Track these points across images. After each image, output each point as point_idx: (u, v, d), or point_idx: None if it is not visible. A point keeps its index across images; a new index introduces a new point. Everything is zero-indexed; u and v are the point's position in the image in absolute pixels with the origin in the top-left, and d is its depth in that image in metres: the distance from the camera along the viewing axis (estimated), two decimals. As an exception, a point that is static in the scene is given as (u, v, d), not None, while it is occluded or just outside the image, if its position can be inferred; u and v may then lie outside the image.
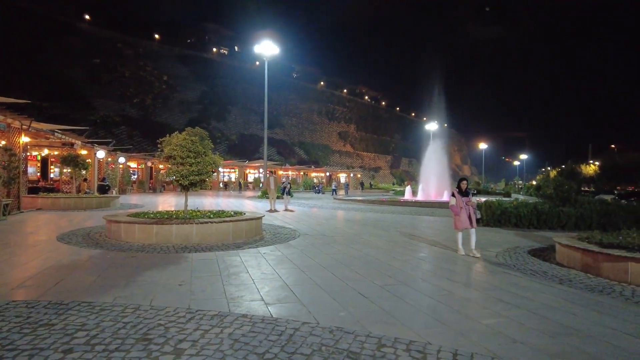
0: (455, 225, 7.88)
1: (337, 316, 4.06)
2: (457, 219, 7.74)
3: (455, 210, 7.76)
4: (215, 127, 69.88)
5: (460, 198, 7.74)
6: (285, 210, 17.20)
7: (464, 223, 7.66)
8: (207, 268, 6.12)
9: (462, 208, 7.68)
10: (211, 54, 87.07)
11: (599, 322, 4.06)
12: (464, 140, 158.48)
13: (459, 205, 7.73)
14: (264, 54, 30.65)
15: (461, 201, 7.74)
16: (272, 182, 17.97)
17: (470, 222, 7.66)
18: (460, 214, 7.67)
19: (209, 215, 9.19)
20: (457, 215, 7.72)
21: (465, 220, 7.63)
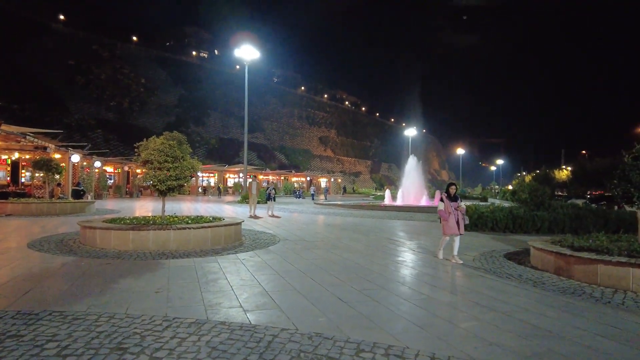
0: (443, 231, 7.66)
1: (316, 322, 4.05)
2: (445, 224, 7.55)
3: (443, 216, 7.57)
4: (194, 131, 69.04)
5: (449, 203, 7.56)
6: (270, 217, 16.78)
7: (452, 229, 7.47)
8: (184, 275, 6.02)
9: (451, 213, 7.49)
10: (190, 57, 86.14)
11: (571, 324, 4.18)
12: (441, 145, 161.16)
13: (448, 210, 7.54)
14: (244, 58, 30.51)
15: (450, 206, 7.54)
16: (253, 187, 17.53)
17: (459, 228, 7.49)
18: (448, 219, 7.48)
19: (186, 221, 9.06)
20: (446, 221, 7.53)
21: (453, 225, 7.46)
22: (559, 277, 6.34)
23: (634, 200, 6.60)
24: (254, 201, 17.31)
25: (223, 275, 6.02)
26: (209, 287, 5.32)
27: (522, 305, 4.79)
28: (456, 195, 7.77)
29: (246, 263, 6.99)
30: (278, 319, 4.11)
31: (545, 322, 4.22)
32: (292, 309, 4.44)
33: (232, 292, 5.14)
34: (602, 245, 6.26)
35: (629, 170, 6.63)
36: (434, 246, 9.45)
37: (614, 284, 5.70)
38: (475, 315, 4.41)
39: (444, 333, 3.83)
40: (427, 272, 6.70)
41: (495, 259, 7.88)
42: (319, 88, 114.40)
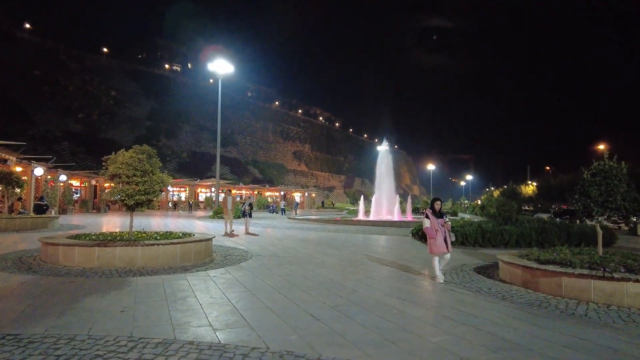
0: (430, 250, 7.19)
1: (287, 340, 3.98)
2: (433, 242, 7.07)
3: (430, 233, 7.11)
4: (166, 145, 67.81)
5: (435, 220, 7.11)
6: (246, 234, 15.47)
7: (440, 247, 7.00)
8: (152, 293, 5.82)
9: (438, 231, 7.03)
10: (163, 70, 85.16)
11: (538, 336, 4.27)
12: (412, 161, 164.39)
13: (434, 227, 7.08)
14: (217, 71, 30.40)
15: (436, 223, 7.10)
16: (228, 202, 15.94)
17: (447, 246, 7.04)
18: (436, 237, 7.02)
19: (155, 237, 8.81)
20: (433, 239, 7.06)
21: (441, 244, 6.99)
22: (527, 289, 6.49)
23: (593, 214, 6.89)
24: (230, 217, 15.90)
25: (192, 293, 5.86)
26: (177, 306, 5.16)
27: (491, 319, 4.86)
28: (441, 211, 7.37)
29: (216, 280, 6.83)
30: (248, 338, 4.01)
31: (513, 334, 4.29)
32: (263, 327, 4.35)
33: (201, 310, 5.00)
34: (566, 258, 6.47)
35: (588, 186, 6.93)
36: (406, 260, 9.55)
37: (577, 296, 5.88)
38: (446, 329, 4.44)
39: (415, 348, 3.84)
40: (399, 286, 6.73)
41: (466, 272, 8.01)
42: (294, 103, 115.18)
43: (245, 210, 16.41)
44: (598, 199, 6.84)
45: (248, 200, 16.81)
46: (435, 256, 7.12)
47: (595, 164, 7.17)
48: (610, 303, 5.61)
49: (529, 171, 66.72)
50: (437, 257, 7.12)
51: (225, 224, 15.98)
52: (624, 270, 5.82)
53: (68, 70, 62.69)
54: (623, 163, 7.03)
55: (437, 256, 7.12)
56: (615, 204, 6.72)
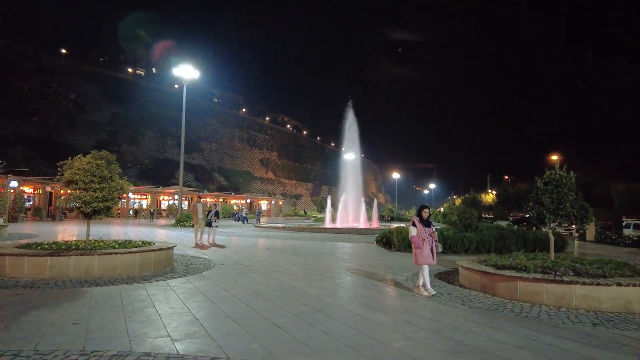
0: (415, 260, 6.72)
1: (248, 349, 3.92)
2: (419, 252, 6.61)
3: (417, 243, 6.63)
4: (127, 151, 65.62)
5: (423, 228, 6.67)
6: (212, 244, 14.28)
7: (426, 258, 6.56)
8: (108, 304, 5.58)
9: (425, 240, 6.60)
10: (126, 74, 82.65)
11: (494, 338, 4.41)
12: (378, 169, 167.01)
13: (421, 236, 6.63)
14: (183, 77, 29.85)
15: (424, 232, 6.64)
16: (199, 209, 14.41)
17: (433, 257, 6.66)
18: (422, 247, 6.58)
19: (113, 246, 8.48)
20: (419, 249, 6.60)
21: (428, 255, 6.57)
22: (485, 294, 6.70)
23: (545, 221, 7.23)
24: (201, 226, 14.44)
25: (151, 304, 5.67)
26: (134, 317, 4.97)
27: (451, 323, 4.98)
28: (429, 219, 6.94)
29: (177, 290, 6.65)
30: (208, 348, 3.92)
31: (471, 338, 4.42)
32: (223, 337, 4.27)
33: (160, 321, 4.84)
34: (521, 264, 6.74)
35: (541, 194, 7.28)
36: (370, 267, 9.65)
37: (531, 299, 6.13)
38: (407, 334, 4.51)
39: (377, 354, 3.87)
40: (363, 293, 6.79)
41: (427, 278, 8.17)
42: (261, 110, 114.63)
43: (212, 220, 14.72)
44: (550, 206, 7.19)
45: (214, 208, 15.15)
46: (425, 266, 6.63)
47: (548, 173, 7.54)
48: (561, 305, 5.89)
49: (489, 180, 69.29)
50: (426, 267, 6.65)
51: (195, 233, 14.58)
52: (573, 273, 6.13)
53: (22, 71, 59.65)
54: (572, 173, 7.44)
55: (425, 267, 6.65)
56: (565, 211, 7.09)
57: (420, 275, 6.74)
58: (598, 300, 5.76)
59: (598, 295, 5.77)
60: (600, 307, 5.73)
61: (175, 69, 30.38)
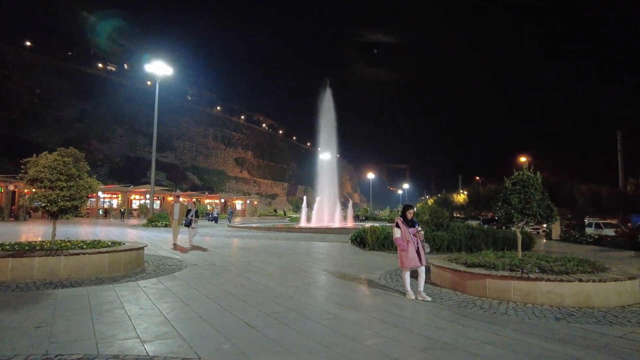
0: (401, 263, 6.47)
1: (220, 349, 3.88)
2: (404, 255, 6.36)
3: (401, 245, 6.39)
4: (97, 149, 63.70)
5: (407, 229, 6.41)
6: (192, 248, 13.10)
7: (412, 260, 6.32)
8: (75, 306, 5.41)
9: (410, 242, 6.35)
10: (96, 69, 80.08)
11: (464, 335, 4.53)
12: (353, 169, 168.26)
13: (406, 238, 6.38)
14: (155, 73, 29.22)
15: (408, 233, 6.39)
16: (176, 210, 13.57)
17: (420, 259, 6.38)
18: (407, 248, 6.33)
19: (81, 246, 8.22)
20: (404, 251, 6.36)
21: (413, 256, 6.31)
22: (455, 292, 6.86)
23: (514, 220, 7.46)
24: (177, 228, 13.67)
25: (120, 305, 5.53)
26: (103, 318, 4.84)
27: (422, 321, 5.08)
28: (413, 220, 6.67)
29: (147, 291, 6.51)
30: (179, 349, 3.86)
31: (442, 334, 4.52)
32: (195, 337, 4.21)
33: (129, 322, 4.73)
34: (490, 262, 6.94)
35: (510, 194, 7.51)
36: (344, 265, 9.72)
37: (499, 296, 6.32)
38: (379, 332, 4.57)
39: (349, 352, 3.91)
40: (337, 292, 6.83)
41: (399, 277, 8.28)
42: (236, 109, 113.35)
43: (192, 220, 13.81)
44: (518, 206, 7.42)
45: (193, 208, 14.40)
46: (406, 270, 6.45)
47: (516, 173, 7.78)
48: (527, 301, 6.09)
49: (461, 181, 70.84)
50: (408, 272, 6.47)
51: (173, 234, 13.74)
52: (538, 271, 6.36)
53: (-17, 64, 57.01)
54: (538, 173, 7.70)
55: (409, 270, 6.47)
56: (532, 211, 7.34)
57: (404, 279, 6.53)
58: (561, 296, 5.99)
59: (561, 291, 6.00)
60: (563, 302, 5.96)
61: (147, 66, 29.71)
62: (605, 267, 6.77)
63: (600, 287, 6.03)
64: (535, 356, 3.88)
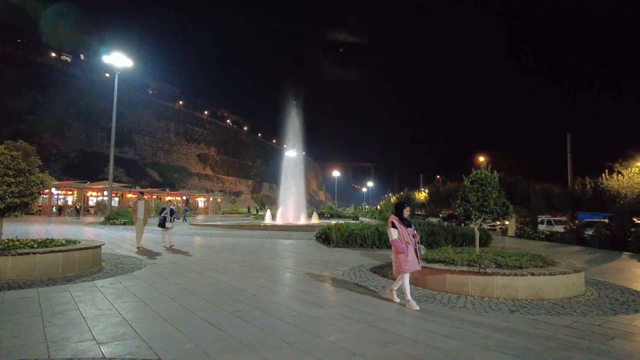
0: (398, 267, 5.73)
1: (181, 349, 3.80)
2: (403, 258, 5.64)
3: (399, 247, 5.68)
4: (51, 143, 60.55)
5: (405, 229, 5.77)
6: (170, 250, 12.08)
7: (412, 264, 5.66)
8: (23, 308, 5.13)
9: (409, 243, 5.70)
10: (49, 59, 75.98)
11: (424, 328, 4.66)
12: (319, 167, 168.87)
13: (404, 239, 5.71)
14: (114, 65, 28.07)
15: (406, 234, 5.74)
16: (140, 208, 12.38)
17: (419, 262, 5.81)
18: (407, 251, 5.65)
19: (31, 245, 7.78)
20: (403, 254, 5.65)
21: (413, 260, 5.67)
22: (416, 287, 7.04)
23: (472, 217, 7.74)
24: (141, 228, 12.40)
25: (75, 306, 5.29)
26: (55, 320, 4.62)
27: (384, 315, 5.18)
28: (409, 219, 6.06)
29: (104, 291, 6.26)
30: (138, 350, 3.75)
31: (403, 329, 4.63)
32: (155, 338, 4.10)
33: (84, 323, 4.54)
34: (449, 257, 7.16)
35: (468, 193, 7.78)
36: (309, 262, 9.75)
37: (458, 291, 6.55)
38: (342, 327, 4.63)
39: (312, 348, 3.93)
40: (300, 289, 6.84)
41: (363, 272, 8.42)
42: (199, 104, 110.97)
43: (166, 217, 12.74)
44: (476, 203, 7.70)
45: (169, 206, 13.31)
46: (406, 274, 5.72)
47: (474, 172, 8.07)
48: (484, 295, 6.34)
49: (422, 179, 72.68)
50: (407, 275, 5.75)
51: (137, 236, 12.42)
52: (495, 266, 6.62)
53: None
54: (495, 172, 8.03)
55: (408, 275, 5.78)
56: (489, 208, 7.64)
57: (397, 281, 5.94)
58: (515, 289, 6.28)
59: (515, 285, 6.30)
60: (517, 295, 6.25)
61: (106, 57, 28.49)
62: (555, 262, 7.15)
63: (550, 281, 6.37)
64: (490, 347, 4.05)
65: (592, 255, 13.35)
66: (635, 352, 4.02)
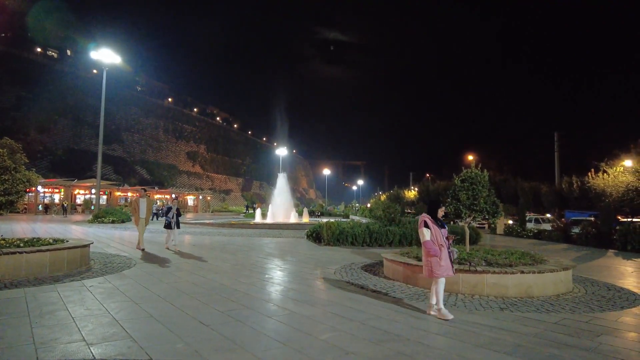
0: (430, 272, 5.16)
1: (173, 349, 3.77)
2: (436, 262, 5.09)
3: (432, 250, 5.09)
4: (36, 140, 59.50)
5: (439, 230, 5.21)
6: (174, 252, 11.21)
7: (446, 269, 5.11)
8: (10, 309, 5.04)
9: (443, 246, 5.13)
10: (34, 54, 74.57)
11: (415, 326, 4.69)
12: (309, 165, 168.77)
13: (438, 240, 5.14)
14: (102, 61, 27.65)
15: (440, 235, 5.17)
16: (142, 206, 11.28)
17: (452, 267, 5.25)
18: (441, 255, 5.09)
19: (17, 244, 7.65)
20: (436, 257, 5.09)
21: (447, 265, 5.11)
22: (407, 285, 7.08)
23: (462, 216, 7.80)
24: (143, 228, 11.34)
25: (63, 306, 5.21)
26: (43, 321, 4.54)
27: (375, 313, 5.20)
28: (442, 219, 5.46)
29: (94, 290, 6.18)
30: (129, 350, 3.70)
31: (394, 327, 4.65)
32: (146, 338, 4.05)
33: (73, 324, 4.47)
34: (440, 255, 7.20)
35: (458, 191, 7.84)
36: (300, 261, 9.74)
37: (449, 289, 6.57)
38: (334, 326, 4.63)
39: (304, 346, 3.93)
40: (292, 287, 6.84)
41: (354, 271, 8.44)
42: (189, 101, 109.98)
43: (170, 219, 11.71)
44: (466, 202, 7.77)
45: (175, 204, 12.33)
46: (440, 279, 5.16)
47: (464, 171, 8.13)
48: (474, 293, 6.40)
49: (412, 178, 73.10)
50: (442, 281, 5.20)
51: (139, 236, 11.36)
52: (485, 264, 6.69)
53: None
54: (485, 171, 8.10)
55: (442, 279, 5.19)
56: (479, 207, 7.71)
57: (433, 292, 5.26)
58: (505, 287, 6.36)
59: (505, 283, 6.37)
60: (507, 293, 6.32)
61: (93, 53, 28.03)
62: (544, 260, 7.25)
63: (539, 278, 6.46)
64: (482, 344, 4.09)
65: (578, 252, 13.56)
66: (622, 348, 4.09)
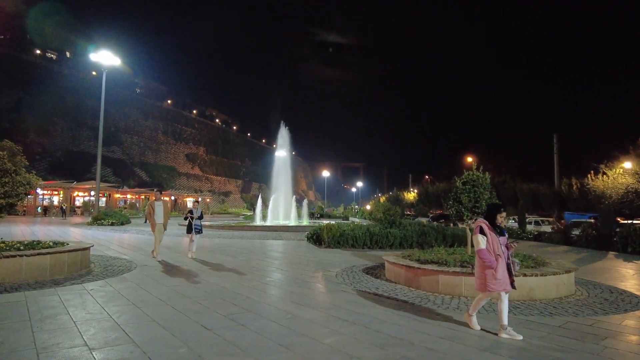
0: (483, 285, 4.52)
1: (175, 353, 3.74)
2: (490, 274, 4.43)
3: (488, 260, 4.41)
4: (35, 142, 59.43)
5: (497, 238, 4.51)
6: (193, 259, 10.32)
7: (502, 283, 4.42)
8: (10, 313, 5.00)
9: (500, 257, 4.44)
10: (34, 56, 74.53)
11: (419, 330, 4.66)
12: (309, 167, 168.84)
13: (495, 250, 4.47)
14: (101, 63, 27.66)
15: (498, 243, 4.49)
16: (159, 211, 10.23)
17: (512, 281, 4.49)
18: (497, 266, 4.41)
19: (17, 247, 7.61)
20: (491, 269, 4.42)
21: (504, 277, 4.42)
22: (409, 287, 7.05)
23: (464, 218, 7.79)
24: (160, 234, 10.25)
25: (64, 310, 5.18)
26: (44, 325, 4.51)
27: (378, 317, 5.17)
28: (501, 226, 4.67)
29: (95, 294, 6.15)
30: (131, 355, 3.68)
31: (398, 330, 4.62)
32: (148, 342, 4.03)
33: (75, 328, 4.44)
34: (442, 258, 7.19)
35: (460, 193, 7.84)
36: (301, 263, 9.71)
37: (451, 292, 6.57)
38: (337, 330, 4.60)
39: (308, 351, 3.90)
40: (293, 290, 6.81)
41: (355, 273, 8.41)
42: (188, 103, 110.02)
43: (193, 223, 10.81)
44: (468, 204, 7.76)
45: (197, 207, 11.22)
46: (491, 295, 4.62)
47: (466, 173, 8.13)
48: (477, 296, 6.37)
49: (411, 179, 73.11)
50: (488, 298, 4.71)
51: (155, 243, 10.28)
52: (487, 266, 6.67)
53: None
54: (487, 173, 8.09)
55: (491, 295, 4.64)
56: (481, 209, 7.69)
57: (476, 301, 4.73)
58: (507, 290, 6.33)
59: (507, 286, 6.34)
60: (510, 296, 6.27)
61: (93, 55, 28.05)
62: (546, 262, 7.23)
63: (542, 281, 6.43)
64: (486, 348, 4.07)
65: (579, 255, 13.55)
66: (627, 352, 4.07)
